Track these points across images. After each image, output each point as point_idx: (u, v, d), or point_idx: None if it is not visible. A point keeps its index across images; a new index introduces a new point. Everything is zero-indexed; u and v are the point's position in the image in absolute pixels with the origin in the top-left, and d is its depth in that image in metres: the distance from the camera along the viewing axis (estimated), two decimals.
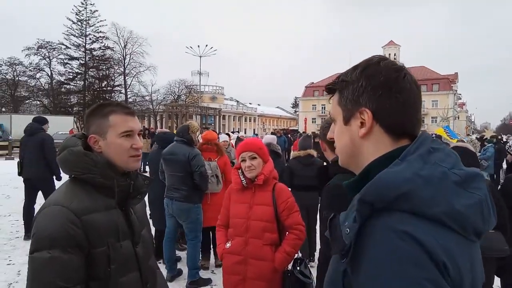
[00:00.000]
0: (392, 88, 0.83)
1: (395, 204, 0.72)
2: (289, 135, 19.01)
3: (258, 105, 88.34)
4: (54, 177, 6.10)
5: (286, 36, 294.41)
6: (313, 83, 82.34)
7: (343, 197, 1.76)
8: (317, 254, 5.22)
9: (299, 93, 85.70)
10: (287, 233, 2.55)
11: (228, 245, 2.58)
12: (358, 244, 0.73)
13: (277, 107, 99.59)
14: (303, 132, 19.30)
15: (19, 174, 6.19)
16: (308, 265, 2.63)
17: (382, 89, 0.84)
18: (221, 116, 46.74)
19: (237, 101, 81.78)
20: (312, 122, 74.34)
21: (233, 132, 15.58)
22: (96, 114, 1.44)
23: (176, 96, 51.80)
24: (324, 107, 77.43)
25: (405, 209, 0.72)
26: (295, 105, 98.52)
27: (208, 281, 4.47)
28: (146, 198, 1.70)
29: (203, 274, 4.57)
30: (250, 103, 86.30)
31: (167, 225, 4.56)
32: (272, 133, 16.79)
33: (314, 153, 5.01)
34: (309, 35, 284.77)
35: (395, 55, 74.77)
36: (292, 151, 14.33)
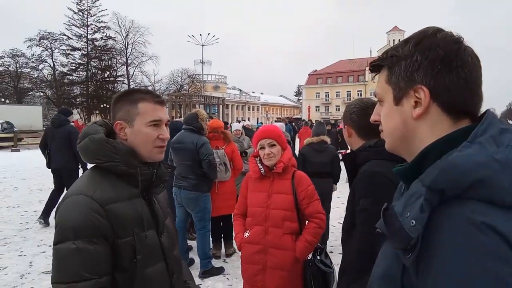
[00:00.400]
0: (452, 62, 0.74)
1: (469, 192, 0.64)
2: (293, 124, 18.89)
3: (261, 93, 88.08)
4: (80, 167, 6.35)
5: (288, 23, 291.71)
6: (316, 70, 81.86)
7: (386, 184, 1.67)
8: (329, 242, 5.18)
9: (302, 81, 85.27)
10: (307, 222, 2.48)
11: (246, 234, 2.52)
12: (426, 237, 0.65)
13: (281, 96, 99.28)
14: (309, 120, 19.13)
15: (48, 165, 6.45)
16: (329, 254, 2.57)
17: (441, 63, 0.74)
18: (225, 105, 46.60)
19: (240, 90, 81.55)
20: (316, 110, 74.04)
21: (238, 122, 15.46)
22: (124, 100, 1.38)
23: (179, 86, 51.66)
24: (328, 95, 77.12)
25: (481, 197, 0.64)
26: (298, 93, 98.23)
27: (221, 269, 4.45)
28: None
29: (215, 263, 4.55)
30: (253, 92, 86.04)
31: (177, 214, 4.53)
32: (279, 121, 16.63)
33: (328, 139, 4.96)
34: (311, 22, 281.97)
35: (399, 40, 73.55)
36: (297, 138, 14.24)
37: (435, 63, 0.75)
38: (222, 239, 5.06)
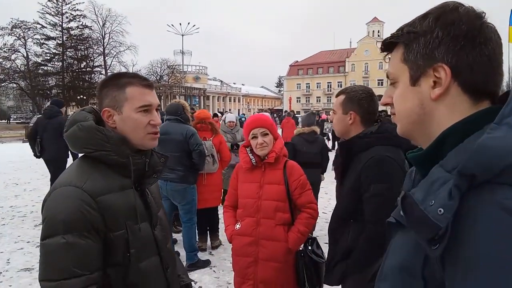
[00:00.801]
0: (476, 38, 0.70)
1: (501, 177, 0.60)
2: (274, 115, 18.85)
3: (243, 85, 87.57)
4: (72, 156, 6.32)
5: (269, 14, 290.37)
6: (297, 61, 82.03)
7: (398, 170, 1.63)
8: (315, 232, 5.20)
9: (283, 72, 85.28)
10: (299, 212, 2.44)
11: (237, 226, 2.46)
12: (455, 226, 0.61)
13: (262, 87, 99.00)
14: (291, 111, 19.14)
15: (36, 155, 6.40)
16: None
17: (464, 39, 0.70)
18: (206, 97, 46.13)
19: (221, 81, 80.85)
20: (297, 101, 74.46)
21: (221, 113, 15.30)
22: (110, 85, 1.29)
23: (159, 77, 50.81)
24: (309, 86, 77.55)
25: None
26: (280, 84, 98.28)
27: (207, 262, 4.40)
28: None
29: (201, 256, 4.50)
30: (234, 83, 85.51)
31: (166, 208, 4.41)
32: (265, 112, 16.55)
33: (317, 129, 4.99)
34: (292, 13, 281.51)
35: (378, 31, 74.76)
36: (279, 129, 14.25)
37: (458, 39, 0.70)
38: (208, 231, 5.00)
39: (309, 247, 2.49)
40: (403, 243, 0.76)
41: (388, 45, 0.82)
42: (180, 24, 40.21)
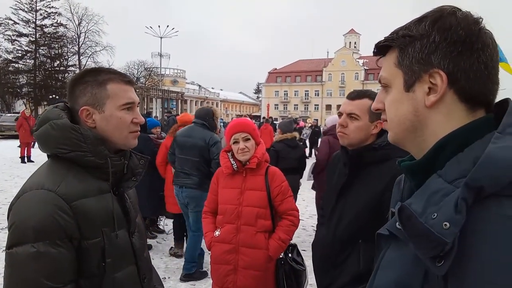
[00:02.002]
0: (474, 44, 0.67)
1: (508, 189, 0.57)
2: (253, 121, 18.82)
3: (221, 90, 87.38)
4: None
5: (249, 21, 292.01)
6: (276, 69, 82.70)
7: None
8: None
9: (262, 79, 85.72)
10: (280, 219, 2.40)
11: (217, 233, 2.39)
12: (461, 241, 0.57)
13: (240, 93, 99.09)
14: (269, 118, 19.19)
15: None
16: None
17: (462, 45, 0.67)
18: (183, 100, 45.62)
19: (199, 86, 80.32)
20: (275, 108, 74.93)
21: None
22: (87, 82, 1.19)
23: (135, 79, 49.89)
24: (287, 93, 78.26)
25: None
26: (258, 91, 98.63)
27: (204, 274, 4.17)
28: None
29: (177, 262, 4.36)
30: (212, 88, 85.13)
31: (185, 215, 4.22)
32: (241, 117, 16.52)
33: (297, 135, 5.05)
34: (271, 19, 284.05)
35: (355, 43, 76.53)
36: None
37: (456, 45, 0.68)
38: (185, 238, 4.87)
39: (289, 255, 2.46)
40: (398, 258, 0.72)
41: (381, 49, 0.79)
42: (159, 26, 39.75)
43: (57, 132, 1.13)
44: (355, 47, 75.74)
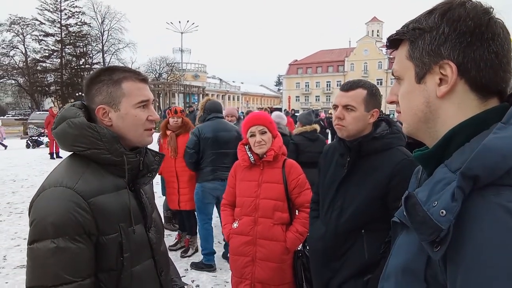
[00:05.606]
0: (483, 34, 0.68)
1: (505, 179, 0.58)
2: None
3: (242, 83, 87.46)
4: None
5: (267, 13, 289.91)
6: (296, 60, 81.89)
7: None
8: None
9: (282, 71, 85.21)
10: (298, 211, 2.41)
11: (235, 225, 2.43)
12: (456, 228, 0.59)
13: (261, 85, 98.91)
14: (292, 110, 19.12)
15: None
16: None
17: (471, 35, 0.68)
18: (204, 95, 46.02)
19: (220, 79, 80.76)
20: (296, 100, 74.34)
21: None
22: (103, 81, 1.23)
23: (158, 74, 50.71)
24: (308, 85, 77.42)
25: None
26: (279, 83, 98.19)
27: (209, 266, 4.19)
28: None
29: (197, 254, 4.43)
30: (233, 81, 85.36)
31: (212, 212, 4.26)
32: (261, 110, 16.56)
33: (318, 127, 4.91)
34: (292, 12, 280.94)
35: (378, 31, 74.68)
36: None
37: (465, 36, 0.68)
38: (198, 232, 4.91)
39: (307, 247, 2.47)
40: (406, 244, 0.75)
41: (393, 42, 0.80)
42: (180, 22, 40.16)
43: (74, 130, 1.16)
44: (378, 35, 73.90)
